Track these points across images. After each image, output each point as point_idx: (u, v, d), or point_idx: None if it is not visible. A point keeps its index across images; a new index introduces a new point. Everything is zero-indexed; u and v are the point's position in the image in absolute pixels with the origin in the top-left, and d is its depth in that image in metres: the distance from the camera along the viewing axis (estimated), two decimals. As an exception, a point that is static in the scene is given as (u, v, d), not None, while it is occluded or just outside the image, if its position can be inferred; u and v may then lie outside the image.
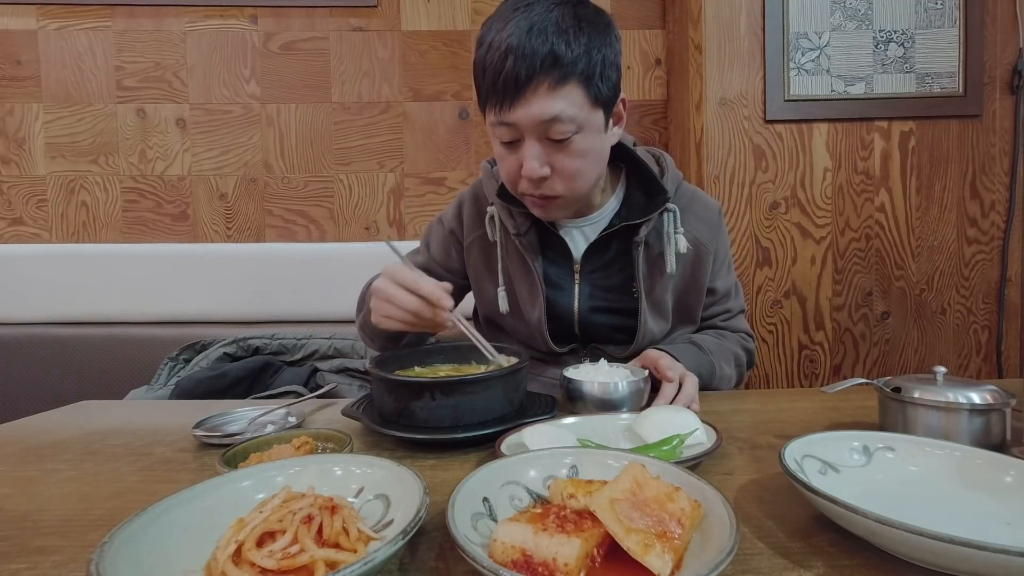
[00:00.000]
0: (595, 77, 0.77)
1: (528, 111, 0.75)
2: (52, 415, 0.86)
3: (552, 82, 0.74)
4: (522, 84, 0.74)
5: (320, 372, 1.32)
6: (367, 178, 1.85)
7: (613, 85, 0.80)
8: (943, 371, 0.61)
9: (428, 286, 0.73)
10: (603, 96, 0.79)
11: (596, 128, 0.81)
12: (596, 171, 0.85)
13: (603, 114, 0.81)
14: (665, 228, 0.91)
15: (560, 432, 0.60)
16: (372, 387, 0.73)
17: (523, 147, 0.79)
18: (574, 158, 0.80)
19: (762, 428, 0.69)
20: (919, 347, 1.62)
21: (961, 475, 0.48)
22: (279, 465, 0.49)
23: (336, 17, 1.80)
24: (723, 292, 1.02)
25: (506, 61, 0.74)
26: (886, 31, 1.54)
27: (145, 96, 1.79)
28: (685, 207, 0.95)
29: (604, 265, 0.95)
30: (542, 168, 0.80)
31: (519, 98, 0.75)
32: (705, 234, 0.97)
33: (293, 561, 0.36)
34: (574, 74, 0.75)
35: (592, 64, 0.76)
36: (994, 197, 1.60)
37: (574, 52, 0.74)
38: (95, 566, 0.33)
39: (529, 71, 0.73)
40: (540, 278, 0.93)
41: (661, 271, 0.93)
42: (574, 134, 0.78)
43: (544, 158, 0.80)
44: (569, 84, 0.75)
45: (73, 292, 1.64)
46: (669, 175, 0.94)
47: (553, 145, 0.79)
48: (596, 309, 0.95)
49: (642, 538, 0.35)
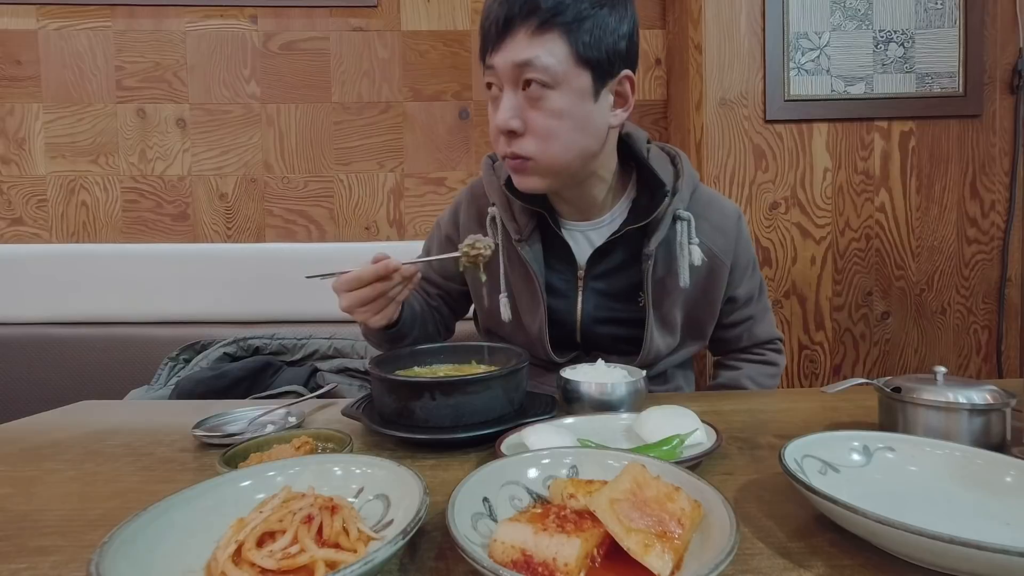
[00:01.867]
0: (582, 32, 0.73)
1: (505, 55, 0.74)
2: (52, 415, 0.86)
3: (531, 28, 0.73)
4: (502, 28, 0.74)
5: (320, 372, 1.32)
6: (367, 178, 1.85)
7: (610, 51, 0.76)
8: (943, 371, 0.61)
9: (366, 268, 0.75)
10: (592, 57, 0.75)
11: (578, 90, 0.76)
12: (577, 141, 0.80)
13: (591, 77, 0.76)
14: (678, 238, 0.86)
15: (560, 432, 0.60)
16: (372, 387, 0.73)
17: (501, 97, 0.77)
18: (548, 117, 0.76)
19: (762, 428, 0.69)
20: (919, 347, 1.62)
21: (961, 475, 0.48)
22: (279, 465, 0.49)
23: (336, 17, 1.80)
24: (745, 299, 0.98)
25: (494, 5, 0.75)
26: (886, 31, 1.54)
27: (145, 96, 1.79)
28: (700, 214, 0.89)
29: (610, 272, 0.91)
30: (512, 119, 0.77)
31: (499, 42, 0.75)
32: (721, 245, 0.92)
33: (293, 561, 0.36)
34: (556, 23, 0.73)
35: (580, 17, 0.73)
36: (994, 197, 1.60)
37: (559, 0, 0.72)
38: (95, 566, 0.33)
39: (509, 14, 0.73)
40: (541, 287, 0.90)
41: (672, 284, 0.88)
42: (549, 88, 0.75)
43: (517, 110, 0.77)
44: (551, 33, 0.73)
45: (73, 292, 1.64)
46: (684, 178, 0.89)
47: (529, 100, 0.76)
48: (600, 319, 0.92)
49: (642, 538, 0.35)
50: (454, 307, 1.08)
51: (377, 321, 0.80)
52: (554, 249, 0.92)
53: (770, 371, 1.01)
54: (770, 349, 1.03)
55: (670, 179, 0.89)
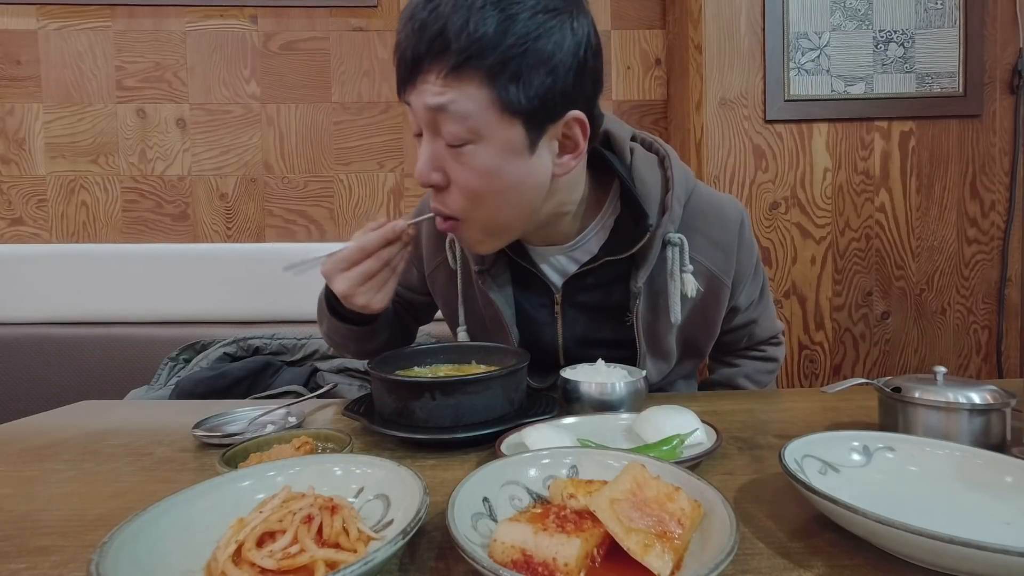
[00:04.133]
0: (507, 76, 0.59)
1: (417, 96, 0.62)
2: (52, 415, 0.85)
3: (444, 71, 0.60)
4: (409, 65, 0.62)
5: (320, 372, 1.32)
6: (367, 178, 1.85)
7: (547, 94, 0.61)
8: (943, 371, 0.61)
9: (369, 236, 0.70)
10: (523, 106, 0.61)
11: (507, 146, 0.63)
12: (511, 201, 0.67)
13: (523, 129, 0.63)
14: (668, 267, 0.75)
15: (560, 432, 0.60)
16: (372, 387, 0.73)
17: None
18: (469, 173, 0.64)
19: (762, 428, 0.69)
20: (919, 347, 1.62)
21: (961, 475, 0.48)
22: (279, 465, 0.49)
23: (336, 17, 1.80)
24: (747, 304, 0.89)
25: (403, 33, 0.62)
26: (886, 31, 1.54)
27: (145, 96, 1.79)
28: (697, 228, 0.78)
29: (592, 294, 0.81)
30: (432, 173, 0.66)
31: (410, 80, 0.62)
32: (720, 263, 0.80)
33: (293, 561, 0.36)
34: (471, 66, 0.59)
35: (504, 58, 0.59)
36: (994, 197, 1.60)
37: (473, 37, 0.58)
38: (95, 566, 0.33)
39: (416, 53, 0.60)
40: (508, 319, 0.81)
41: (664, 316, 0.78)
42: (468, 143, 0.63)
43: (436, 162, 0.66)
44: (466, 78, 0.60)
45: (73, 292, 1.64)
46: (675, 190, 0.76)
47: (451, 152, 0.64)
48: (584, 341, 0.83)
49: (642, 538, 0.35)
50: (416, 315, 1.03)
51: (380, 300, 0.72)
52: (525, 276, 0.83)
53: (768, 367, 0.99)
54: (771, 344, 0.99)
55: (658, 193, 0.76)
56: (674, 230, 0.76)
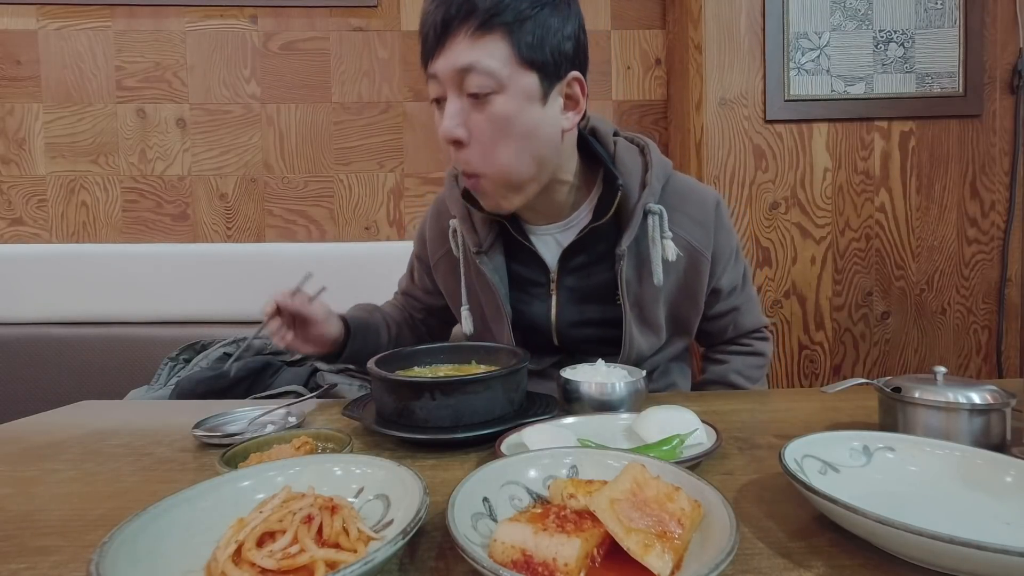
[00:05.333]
0: (524, 32, 0.71)
1: (446, 61, 0.72)
2: (52, 415, 0.86)
3: (471, 30, 0.70)
4: (440, 32, 0.71)
5: (320, 372, 1.31)
6: (367, 178, 1.85)
7: (555, 51, 0.74)
8: (943, 371, 0.61)
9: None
10: (536, 58, 0.73)
11: (525, 94, 0.74)
12: (527, 148, 0.77)
13: (537, 79, 0.74)
14: (649, 233, 0.83)
15: (560, 432, 0.60)
16: (372, 387, 0.73)
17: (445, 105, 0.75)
18: (492, 123, 0.73)
19: (762, 428, 0.69)
20: (919, 347, 1.62)
21: (961, 475, 0.48)
22: (279, 465, 0.49)
23: (336, 17, 1.80)
24: (729, 288, 0.95)
25: (431, 8, 0.72)
26: (886, 31, 1.54)
27: (145, 96, 1.79)
28: (676, 206, 0.86)
29: (583, 273, 0.88)
30: (457, 127, 0.74)
31: (439, 47, 0.72)
32: (699, 237, 0.88)
33: (293, 561, 0.36)
34: (496, 24, 0.70)
35: (521, 17, 0.71)
36: (994, 197, 1.60)
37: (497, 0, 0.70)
38: (95, 566, 0.33)
39: (447, 17, 0.71)
40: (502, 298, 0.88)
41: (648, 282, 0.85)
42: (494, 93, 0.72)
43: (461, 117, 0.74)
44: (491, 35, 0.71)
45: (73, 292, 1.64)
46: (654, 169, 0.86)
47: (473, 104, 0.73)
48: (576, 321, 0.90)
49: (642, 538, 0.35)
50: (442, 318, 1.08)
51: (303, 337, 0.88)
52: (521, 255, 0.90)
53: (758, 362, 1.01)
54: (756, 338, 1.02)
55: (638, 171, 0.86)
56: (654, 202, 0.85)
